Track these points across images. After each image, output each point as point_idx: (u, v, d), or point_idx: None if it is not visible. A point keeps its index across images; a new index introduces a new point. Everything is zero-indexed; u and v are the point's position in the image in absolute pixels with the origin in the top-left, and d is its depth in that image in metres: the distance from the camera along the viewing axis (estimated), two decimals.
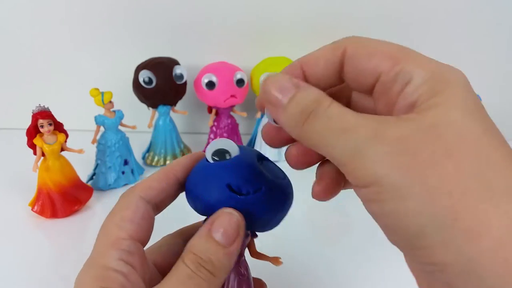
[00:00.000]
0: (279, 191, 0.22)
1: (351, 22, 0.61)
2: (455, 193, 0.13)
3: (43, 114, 0.41)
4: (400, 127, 0.15)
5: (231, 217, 0.20)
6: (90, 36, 0.63)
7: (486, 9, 0.60)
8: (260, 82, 0.55)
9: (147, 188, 0.22)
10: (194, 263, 0.19)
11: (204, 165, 0.23)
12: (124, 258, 0.18)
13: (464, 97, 0.15)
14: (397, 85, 0.16)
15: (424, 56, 0.17)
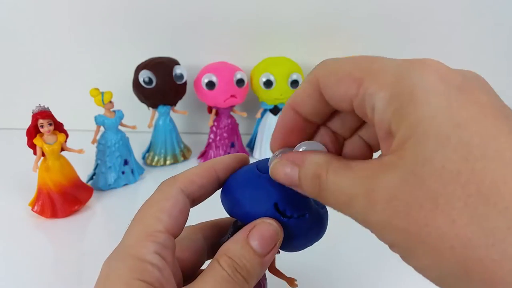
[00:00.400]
0: (319, 221, 0.22)
1: (351, 22, 0.61)
2: (457, 246, 0.13)
3: (43, 114, 0.41)
4: (386, 181, 0.15)
5: (270, 228, 0.20)
6: (90, 36, 0.63)
7: (486, 9, 0.60)
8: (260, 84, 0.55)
9: (188, 181, 0.21)
10: (230, 267, 0.18)
11: (254, 174, 0.22)
12: (159, 252, 0.18)
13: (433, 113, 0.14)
14: (368, 111, 0.16)
15: (384, 65, 0.16)
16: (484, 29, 0.61)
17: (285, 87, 0.56)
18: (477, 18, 0.60)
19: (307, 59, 0.62)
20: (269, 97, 0.57)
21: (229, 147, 0.58)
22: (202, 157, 0.59)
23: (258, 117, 0.60)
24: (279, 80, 0.55)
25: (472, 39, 0.62)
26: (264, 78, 0.55)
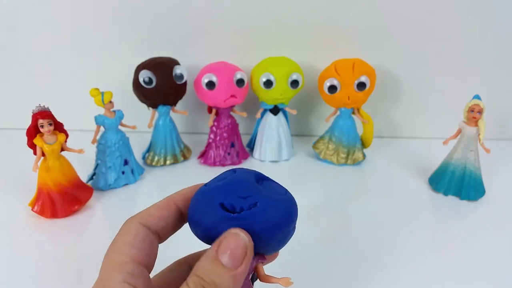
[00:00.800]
0: (278, 206, 0.21)
1: (351, 22, 0.61)
2: None
3: (43, 114, 0.41)
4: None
5: (237, 238, 0.20)
6: (90, 36, 0.63)
7: (485, 10, 0.60)
8: (260, 84, 0.55)
9: (146, 215, 0.22)
10: (196, 286, 0.19)
11: (200, 190, 0.23)
12: (128, 280, 0.19)
13: None
14: None
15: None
16: (484, 30, 0.61)
17: (285, 87, 0.56)
18: (477, 19, 0.60)
19: (307, 59, 0.62)
20: (269, 97, 0.57)
21: (229, 147, 0.58)
22: (202, 157, 0.59)
23: (258, 117, 0.60)
24: (279, 80, 0.55)
25: (472, 40, 0.62)
26: (264, 78, 0.55)
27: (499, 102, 0.65)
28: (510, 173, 0.58)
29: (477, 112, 0.47)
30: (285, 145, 0.60)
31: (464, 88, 0.60)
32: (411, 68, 0.64)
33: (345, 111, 0.57)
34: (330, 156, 0.59)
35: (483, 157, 0.50)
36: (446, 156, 0.52)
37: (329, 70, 0.56)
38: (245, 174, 0.23)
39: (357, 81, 0.54)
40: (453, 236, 0.44)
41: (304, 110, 0.67)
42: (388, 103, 0.67)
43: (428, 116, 0.68)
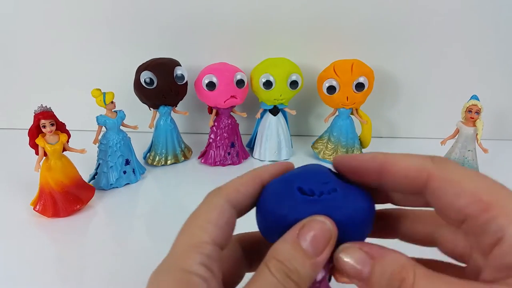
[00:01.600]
0: (357, 192, 0.20)
1: (350, 23, 0.61)
2: None
3: (45, 114, 0.42)
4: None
5: (321, 225, 0.18)
6: (91, 37, 0.63)
7: (485, 9, 0.60)
8: (260, 84, 0.56)
9: (234, 191, 0.20)
10: (280, 272, 0.17)
11: (273, 180, 0.21)
12: (206, 263, 0.18)
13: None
14: (487, 237, 0.16)
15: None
16: (482, 31, 0.62)
17: (285, 88, 0.56)
18: (476, 20, 0.61)
19: (306, 60, 0.63)
20: (268, 98, 0.57)
21: (229, 147, 0.59)
22: (202, 157, 0.59)
23: (258, 117, 0.61)
24: (279, 81, 0.55)
25: (470, 41, 0.62)
26: (264, 78, 0.55)
27: (496, 102, 0.66)
28: (507, 172, 0.58)
29: (474, 112, 0.48)
30: (285, 145, 0.60)
31: (462, 88, 0.61)
32: (409, 69, 0.65)
33: (344, 112, 0.58)
34: (329, 156, 0.60)
35: (481, 157, 0.50)
36: (444, 156, 0.52)
37: (328, 71, 0.56)
38: (319, 166, 0.22)
39: (356, 82, 0.54)
40: None
41: (303, 110, 0.68)
42: (386, 104, 0.68)
43: (426, 116, 0.68)
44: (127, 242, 0.41)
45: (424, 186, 0.18)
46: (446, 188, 0.17)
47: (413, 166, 0.18)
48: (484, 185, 0.17)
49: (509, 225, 0.15)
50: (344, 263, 0.18)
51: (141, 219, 0.46)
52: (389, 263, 0.17)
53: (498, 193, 0.16)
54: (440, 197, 0.17)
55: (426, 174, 0.18)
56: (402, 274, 0.16)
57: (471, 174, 0.17)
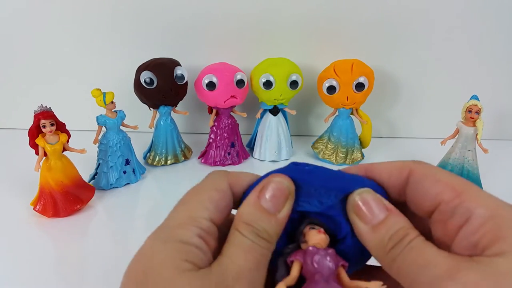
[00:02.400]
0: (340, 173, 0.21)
1: (350, 23, 0.61)
2: None
3: (45, 115, 0.42)
4: (473, 271, 0.15)
5: (279, 184, 0.19)
6: (91, 36, 0.63)
7: (483, 11, 0.60)
8: (260, 84, 0.56)
9: (237, 178, 0.21)
10: (251, 234, 0.18)
11: None
12: (203, 236, 0.18)
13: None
14: (456, 219, 0.17)
15: (484, 192, 0.18)
16: (482, 31, 0.62)
17: (285, 88, 0.56)
18: (475, 20, 0.61)
19: (306, 60, 0.63)
20: (268, 98, 0.57)
21: (229, 147, 0.59)
22: (202, 157, 0.59)
23: (258, 117, 0.61)
24: (279, 81, 0.55)
25: (470, 40, 0.62)
26: (264, 78, 0.55)
27: (496, 102, 0.66)
28: (507, 172, 0.58)
29: (474, 112, 0.48)
30: (285, 145, 0.60)
31: (462, 88, 0.61)
32: (409, 69, 0.65)
33: (344, 112, 0.58)
34: (329, 156, 0.60)
35: (481, 157, 0.50)
36: (444, 156, 0.52)
37: (328, 71, 0.56)
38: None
39: (356, 82, 0.54)
40: None
41: (303, 110, 0.68)
42: (386, 104, 0.68)
43: (426, 116, 0.68)
44: (127, 242, 0.41)
45: (406, 182, 0.20)
46: (424, 179, 0.19)
47: (396, 165, 0.20)
48: (457, 179, 0.19)
49: (477, 207, 0.17)
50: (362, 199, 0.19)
51: (141, 219, 0.46)
52: (402, 220, 0.18)
53: (469, 185, 0.18)
54: (418, 188, 0.19)
55: (408, 171, 0.20)
56: (408, 231, 0.18)
57: (446, 171, 0.19)
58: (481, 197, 0.17)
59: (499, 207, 0.17)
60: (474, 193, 0.17)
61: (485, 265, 0.15)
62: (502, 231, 0.16)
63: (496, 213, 0.16)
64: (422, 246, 0.17)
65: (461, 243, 0.17)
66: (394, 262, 0.17)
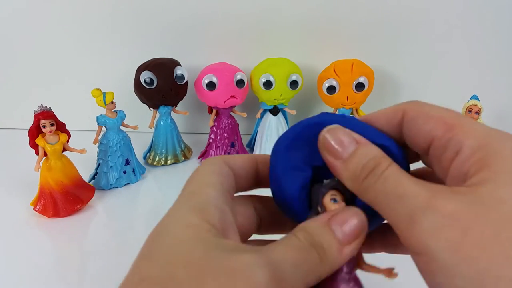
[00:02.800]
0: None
1: (351, 24, 0.61)
2: (503, 279, 0.13)
3: (45, 115, 0.42)
4: (452, 201, 0.15)
5: (358, 216, 0.18)
6: (91, 37, 0.63)
7: (486, 10, 0.60)
8: (260, 84, 0.56)
9: (230, 158, 0.21)
10: (307, 240, 0.17)
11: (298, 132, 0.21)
12: (221, 198, 0.18)
13: (509, 177, 0.15)
14: (448, 153, 0.17)
15: (476, 124, 0.17)
16: (482, 31, 0.62)
17: (285, 88, 0.56)
18: (476, 20, 0.61)
19: (306, 60, 0.63)
20: (268, 98, 0.57)
21: (229, 147, 0.59)
22: (202, 157, 0.59)
23: (258, 117, 0.61)
24: (279, 81, 0.55)
25: (470, 40, 0.62)
26: (264, 78, 0.55)
27: (496, 102, 0.66)
28: None
29: (474, 112, 0.48)
30: None
31: (462, 88, 0.61)
32: (409, 69, 0.65)
33: (344, 112, 0.58)
34: None
35: None
36: None
37: (328, 71, 0.56)
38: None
39: (356, 82, 0.54)
40: None
41: (303, 110, 0.68)
42: (386, 104, 0.67)
43: None
44: (127, 242, 0.41)
45: (401, 122, 0.20)
46: (417, 117, 0.19)
47: (391, 109, 0.21)
48: (449, 113, 0.18)
49: (467, 139, 0.17)
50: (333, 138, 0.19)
51: (141, 219, 0.46)
52: (373, 149, 0.18)
53: (460, 118, 0.18)
54: (412, 127, 0.19)
55: (402, 112, 0.20)
56: (379, 160, 0.18)
57: (439, 106, 0.19)
58: (472, 128, 0.17)
59: (489, 136, 0.16)
60: (466, 125, 0.17)
61: (464, 195, 0.15)
62: (488, 159, 0.16)
63: (485, 141, 0.16)
64: (397, 176, 0.17)
65: (452, 176, 0.17)
66: (368, 192, 0.17)
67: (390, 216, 0.16)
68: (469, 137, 0.17)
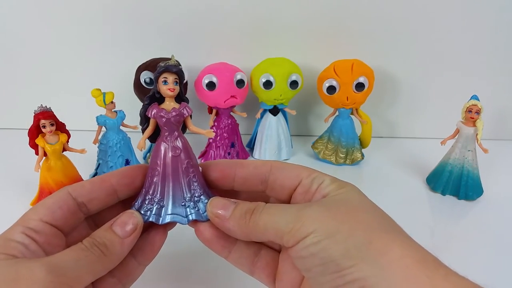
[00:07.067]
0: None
1: (351, 24, 0.61)
2: (366, 229, 0.21)
3: (45, 115, 0.42)
4: (323, 201, 0.24)
5: (132, 216, 0.25)
6: (91, 36, 0.63)
7: (486, 10, 0.60)
8: (260, 84, 0.56)
9: (78, 186, 0.25)
10: (89, 243, 0.23)
11: None
12: (26, 233, 0.22)
13: (356, 190, 0.25)
14: (314, 185, 0.25)
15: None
16: (482, 31, 0.62)
17: (285, 88, 0.56)
18: (476, 20, 0.61)
19: (306, 60, 0.63)
20: (268, 98, 0.57)
21: (229, 147, 0.59)
22: (203, 157, 0.59)
23: (258, 117, 0.61)
24: (279, 81, 0.55)
25: (470, 41, 0.62)
26: (264, 78, 0.55)
27: (496, 102, 0.66)
28: (508, 172, 0.58)
29: (475, 113, 0.48)
30: (285, 145, 0.60)
31: (462, 88, 0.61)
32: (409, 69, 0.65)
33: (344, 112, 0.58)
34: (329, 156, 0.60)
35: (481, 157, 0.50)
36: (444, 156, 0.52)
37: (328, 71, 0.56)
38: None
39: (356, 82, 0.54)
40: (451, 235, 0.44)
41: (303, 110, 0.68)
42: (386, 104, 0.68)
43: (426, 116, 0.68)
44: None
45: (269, 171, 0.27)
46: (284, 167, 0.27)
47: (260, 161, 0.28)
48: (306, 167, 0.27)
49: (325, 176, 0.26)
50: (213, 209, 0.26)
51: None
52: (247, 204, 0.25)
53: (314, 171, 0.26)
54: (281, 173, 0.27)
55: (270, 164, 0.27)
56: (255, 206, 0.24)
57: (296, 165, 0.27)
58: (326, 174, 0.26)
59: (338, 179, 0.26)
60: (320, 172, 0.26)
61: (330, 197, 0.24)
62: (342, 185, 0.25)
63: (337, 179, 0.26)
64: (276, 204, 0.24)
65: (316, 197, 0.25)
66: (257, 224, 0.23)
67: (281, 225, 0.23)
68: (327, 176, 0.26)
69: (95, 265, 0.22)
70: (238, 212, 0.24)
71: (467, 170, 0.50)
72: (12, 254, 0.21)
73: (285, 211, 0.23)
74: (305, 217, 0.22)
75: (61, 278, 0.20)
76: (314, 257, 0.21)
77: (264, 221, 0.23)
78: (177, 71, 0.26)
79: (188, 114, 0.27)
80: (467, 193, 0.50)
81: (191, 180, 0.26)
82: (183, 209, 0.26)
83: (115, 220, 0.24)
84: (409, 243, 0.21)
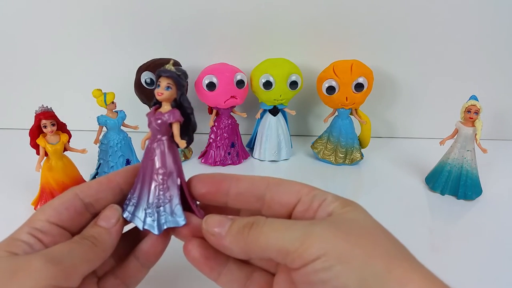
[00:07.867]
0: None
1: (351, 23, 0.62)
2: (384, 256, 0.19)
3: (46, 115, 0.42)
4: (330, 219, 0.22)
5: (113, 209, 0.26)
6: (92, 37, 0.63)
7: (485, 10, 0.60)
8: (260, 85, 0.56)
9: (85, 186, 0.26)
10: (79, 237, 0.24)
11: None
12: (32, 233, 0.23)
13: (362, 209, 0.23)
14: (315, 202, 0.24)
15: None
16: (481, 31, 0.62)
17: (285, 88, 0.56)
18: (475, 20, 0.61)
19: (306, 60, 0.63)
20: (268, 98, 0.58)
21: (229, 147, 0.59)
22: (203, 157, 0.59)
23: (258, 117, 0.61)
24: (279, 81, 0.56)
25: (469, 41, 0.63)
26: (264, 79, 0.56)
27: (496, 102, 0.66)
28: (506, 172, 0.58)
29: (473, 113, 0.48)
30: (284, 145, 0.61)
31: (461, 88, 0.61)
32: (408, 69, 0.65)
33: (343, 112, 0.58)
34: (329, 156, 0.60)
35: (480, 157, 0.50)
36: (442, 156, 0.52)
37: (327, 71, 0.57)
38: None
39: (355, 82, 0.54)
40: (450, 235, 0.44)
41: (303, 110, 0.68)
42: (385, 104, 0.68)
43: (425, 117, 0.69)
44: None
45: (267, 186, 0.25)
46: (282, 183, 0.25)
47: (258, 176, 0.26)
48: (303, 184, 0.25)
49: (327, 193, 0.24)
50: (209, 225, 0.24)
51: None
52: (245, 218, 0.23)
53: (314, 188, 0.25)
54: (279, 189, 0.25)
55: (267, 180, 0.26)
56: (255, 219, 0.23)
57: (295, 182, 0.26)
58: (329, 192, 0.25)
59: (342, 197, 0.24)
60: (319, 191, 0.25)
61: (337, 216, 0.22)
62: (346, 203, 0.23)
63: (340, 197, 0.24)
64: (275, 220, 0.23)
65: (319, 215, 0.23)
66: (257, 239, 0.22)
67: (285, 243, 0.21)
68: (329, 193, 0.24)
69: (88, 254, 0.23)
70: (236, 226, 0.23)
71: (466, 170, 0.50)
72: (14, 252, 0.21)
73: (291, 227, 0.21)
74: (314, 236, 0.20)
75: (58, 266, 0.21)
76: (325, 285, 0.19)
77: (266, 236, 0.21)
78: (171, 76, 0.25)
79: (170, 120, 0.26)
80: (466, 193, 0.50)
81: (157, 187, 0.26)
82: (143, 214, 0.26)
83: (99, 216, 0.25)
84: (426, 274, 0.19)
